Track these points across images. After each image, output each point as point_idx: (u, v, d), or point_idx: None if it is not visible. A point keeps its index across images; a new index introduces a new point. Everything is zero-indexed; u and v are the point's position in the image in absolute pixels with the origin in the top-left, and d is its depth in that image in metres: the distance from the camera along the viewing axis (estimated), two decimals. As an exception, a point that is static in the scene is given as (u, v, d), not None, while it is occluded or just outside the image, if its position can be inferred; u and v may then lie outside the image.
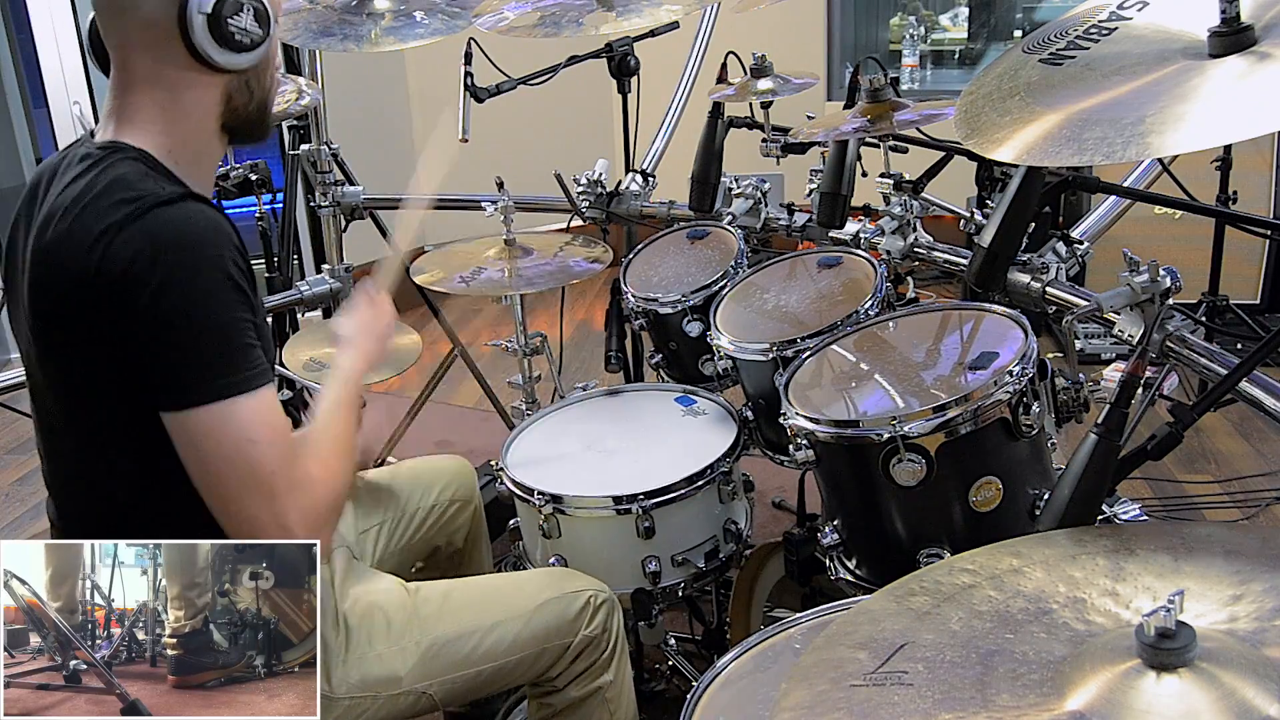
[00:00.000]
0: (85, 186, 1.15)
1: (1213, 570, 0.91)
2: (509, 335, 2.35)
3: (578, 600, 1.53)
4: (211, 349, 1.12)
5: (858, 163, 1.92)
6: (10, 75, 4.08)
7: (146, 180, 1.15)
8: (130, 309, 1.10)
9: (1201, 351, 1.53)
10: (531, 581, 1.61)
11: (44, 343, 1.20)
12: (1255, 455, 2.97)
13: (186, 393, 1.12)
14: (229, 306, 1.14)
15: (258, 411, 1.15)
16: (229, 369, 1.13)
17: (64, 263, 1.13)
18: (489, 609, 1.50)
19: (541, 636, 1.50)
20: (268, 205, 2.72)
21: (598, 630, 1.53)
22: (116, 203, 1.12)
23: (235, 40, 1.19)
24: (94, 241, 1.11)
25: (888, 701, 0.82)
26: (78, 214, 1.13)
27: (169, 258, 1.10)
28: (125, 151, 1.18)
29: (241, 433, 1.13)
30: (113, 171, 1.15)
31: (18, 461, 3.35)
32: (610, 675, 1.56)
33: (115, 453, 1.21)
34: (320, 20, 2.25)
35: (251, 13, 1.20)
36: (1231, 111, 0.95)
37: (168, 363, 1.12)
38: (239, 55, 1.20)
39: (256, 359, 1.16)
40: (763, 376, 1.73)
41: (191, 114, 1.22)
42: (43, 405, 1.27)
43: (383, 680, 1.39)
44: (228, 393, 1.12)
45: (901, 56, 4.76)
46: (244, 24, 1.20)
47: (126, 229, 1.10)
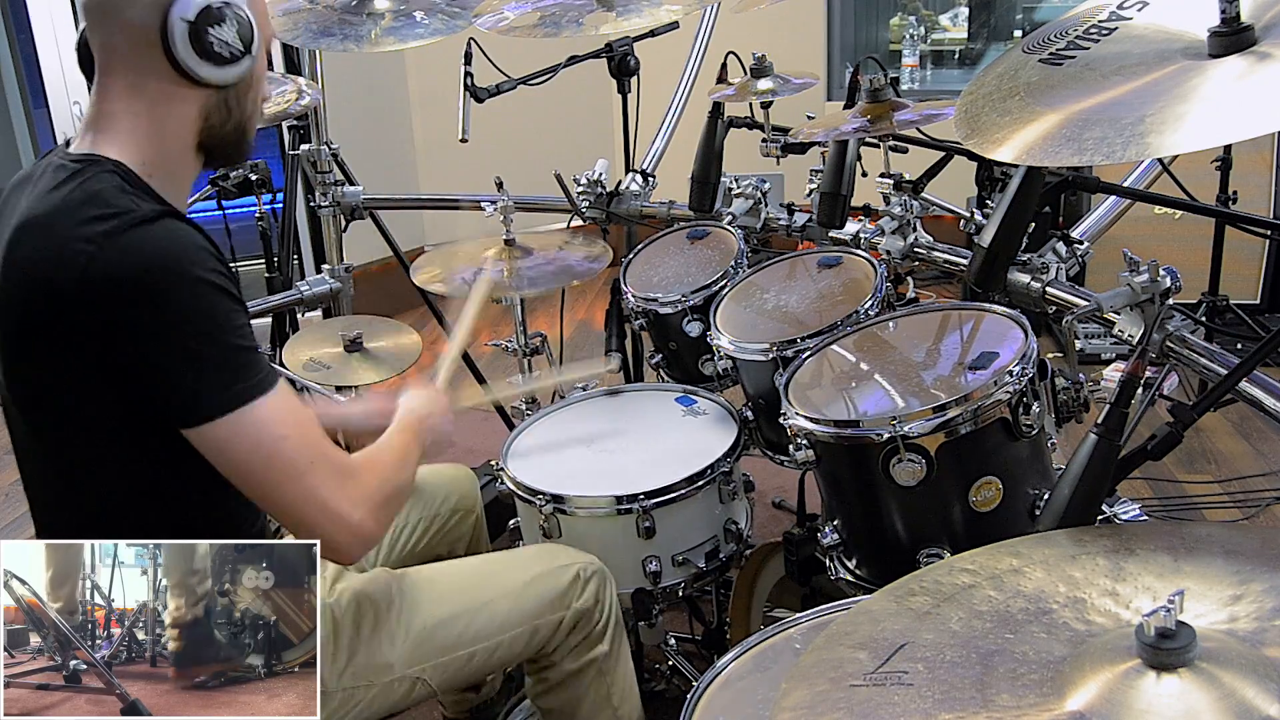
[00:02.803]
0: (62, 199, 1.13)
1: (1213, 570, 0.91)
2: (509, 335, 2.35)
3: (567, 573, 1.52)
4: (222, 359, 1.12)
5: (858, 163, 1.92)
6: (10, 75, 4.08)
7: (123, 196, 1.13)
8: (123, 330, 1.09)
9: (1201, 351, 1.53)
10: (520, 559, 1.61)
11: (13, 357, 1.18)
12: (1255, 455, 2.97)
13: (206, 407, 1.12)
14: (228, 315, 1.14)
15: (280, 409, 1.15)
16: (243, 374, 1.13)
17: (40, 276, 1.11)
18: (479, 589, 1.50)
19: (533, 612, 1.49)
20: (268, 205, 2.72)
21: (589, 602, 1.52)
22: (94, 218, 1.10)
23: (214, 52, 1.18)
24: (73, 256, 1.09)
25: (888, 701, 0.82)
26: (54, 227, 1.12)
27: (157, 276, 1.09)
28: (101, 164, 1.16)
29: (271, 431, 1.14)
30: (90, 185, 1.14)
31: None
32: (605, 646, 1.55)
33: (94, 467, 1.20)
34: (320, 20, 2.25)
35: (234, 26, 1.19)
36: (1231, 111, 0.95)
37: (179, 380, 1.11)
38: (218, 69, 1.19)
39: (262, 359, 1.16)
40: (763, 376, 1.73)
41: (168, 128, 1.21)
42: (15, 430, 1.25)
43: (375, 668, 1.39)
44: (247, 397, 1.13)
45: (901, 56, 4.76)
46: (225, 36, 1.18)
47: (107, 246, 1.09)
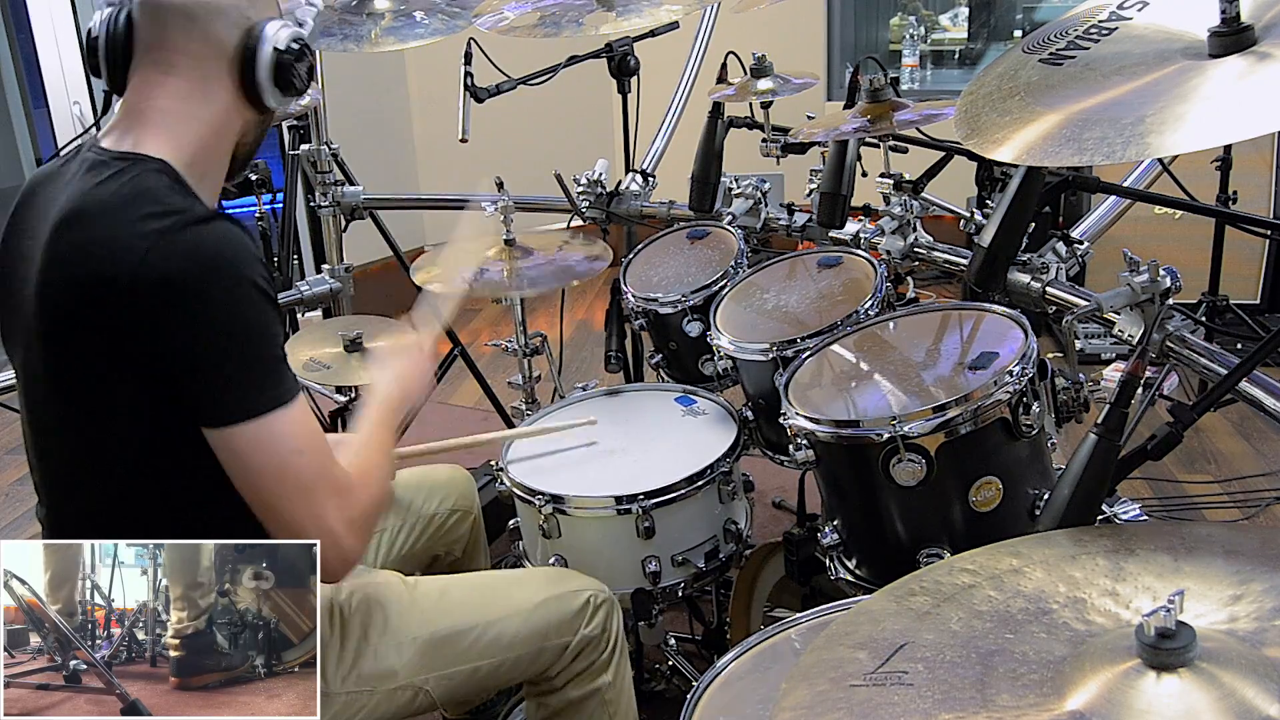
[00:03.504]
0: (111, 194, 1.14)
1: (1213, 570, 0.91)
2: (509, 335, 2.35)
3: (577, 599, 1.52)
4: (257, 364, 1.14)
5: (858, 163, 1.92)
6: (10, 75, 4.08)
7: (174, 195, 1.15)
8: (170, 325, 1.11)
9: (1201, 351, 1.53)
10: (531, 579, 1.61)
11: (54, 345, 1.19)
12: (1255, 455, 2.97)
13: (234, 409, 1.13)
14: (268, 323, 1.15)
15: (299, 422, 1.16)
16: (273, 383, 1.14)
17: (92, 266, 1.12)
18: (488, 605, 1.50)
19: (540, 634, 1.49)
20: (268, 205, 2.72)
21: (597, 630, 1.53)
22: (148, 215, 1.12)
23: (291, 84, 1.24)
24: (127, 250, 1.10)
25: (888, 701, 0.82)
26: (106, 219, 1.13)
27: (211, 276, 1.11)
28: (147, 163, 1.17)
29: (289, 444, 1.15)
30: (140, 182, 1.15)
31: (17, 461, 3.34)
32: (609, 676, 1.55)
33: (118, 455, 1.20)
34: (320, 20, 2.25)
35: (308, 64, 1.25)
36: (1231, 111, 0.95)
37: (214, 380, 1.13)
38: (285, 98, 1.25)
39: (290, 371, 1.18)
40: (763, 376, 1.73)
41: (218, 138, 1.24)
42: (38, 409, 1.27)
43: (379, 675, 1.39)
44: (272, 405, 1.14)
45: (901, 56, 4.76)
46: (303, 71, 1.25)
47: (163, 243, 1.10)
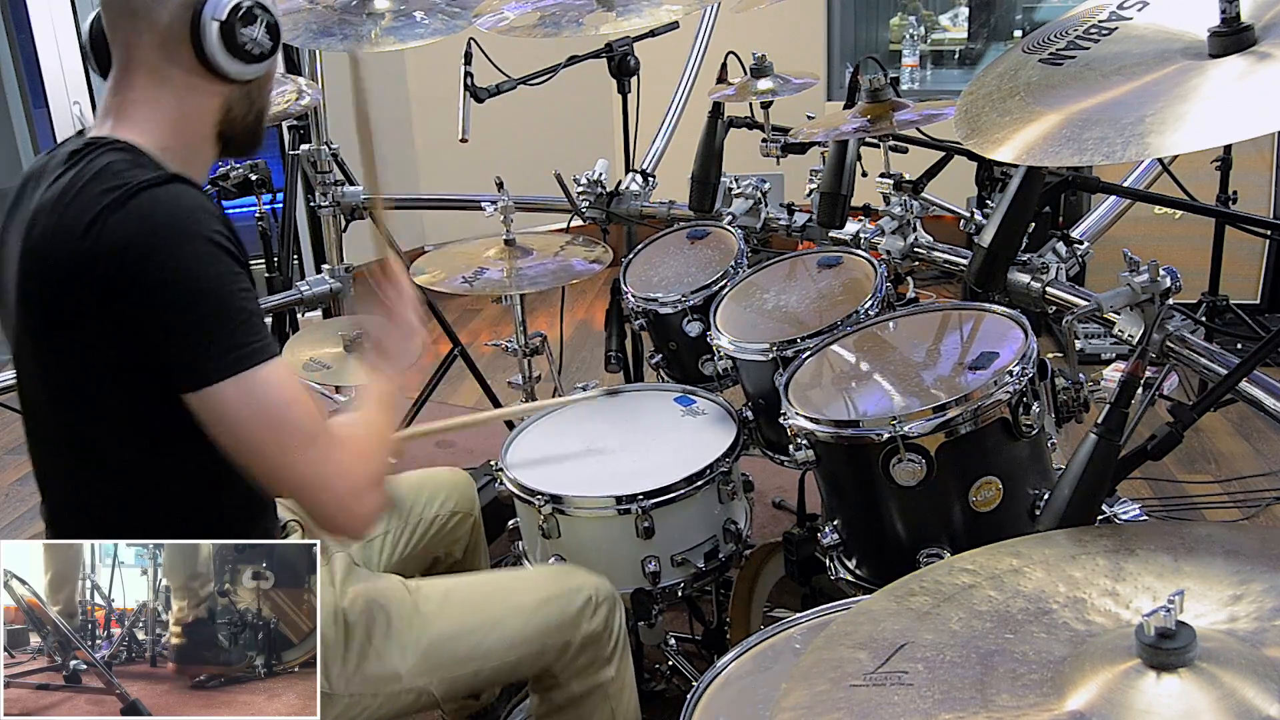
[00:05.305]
0: (72, 179, 1.14)
1: (1213, 570, 0.91)
2: (509, 335, 2.35)
3: (579, 597, 1.52)
4: (226, 321, 1.12)
5: (858, 163, 1.91)
6: (10, 75, 4.08)
7: (133, 169, 1.14)
8: (132, 292, 1.10)
9: (1201, 351, 1.53)
10: (533, 578, 1.61)
11: (38, 338, 1.19)
12: (1255, 455, 2.97)
13: (210, 368, 1.11)
14: (232, 278, 1.13)
15: (284, 376, 1.15)
16: (249, 337, 1.13)
17: (56, 253, 1.12)
18: (490, 606, 1.50)
19: (543, 633, 1.49)
20: (268, 205, 2.72)
21: (599, 627, 1.53)
22: (104, 190, 1.11)
23: (245, 50, 1.20)
24: (85, 229, 1.10)
25: (888, 701, 0.82)
26: (66, 205, 1.13)
27: (164, 236, 1.10)
28: (112, 145, 1.17)
29: (279, 394, 1.14)
30: (98, 162, 1.15)
31: (17, 462, 3.34)
32: (612, 671, 1.55)
33: (113, 448, 1.20)
34: (320, 20, 2.24)
35: (264, 25, 1.20)
36: (1231, 111, 0.95)
37: (188, 341, 1.11)
38: (247, 66, 1.21)
39: (265, 326, 1.16)
40: (763, 376, 1.73)
41: (191, 119, 1.22)
42: (34, 406, 1.27)
43: (383, 677, 1.39)
44: (251, 361, 1.12)
45: (901, 56, 4.76)
46: (256, 35, 1.20)
47: (117, 212, 1.10)
